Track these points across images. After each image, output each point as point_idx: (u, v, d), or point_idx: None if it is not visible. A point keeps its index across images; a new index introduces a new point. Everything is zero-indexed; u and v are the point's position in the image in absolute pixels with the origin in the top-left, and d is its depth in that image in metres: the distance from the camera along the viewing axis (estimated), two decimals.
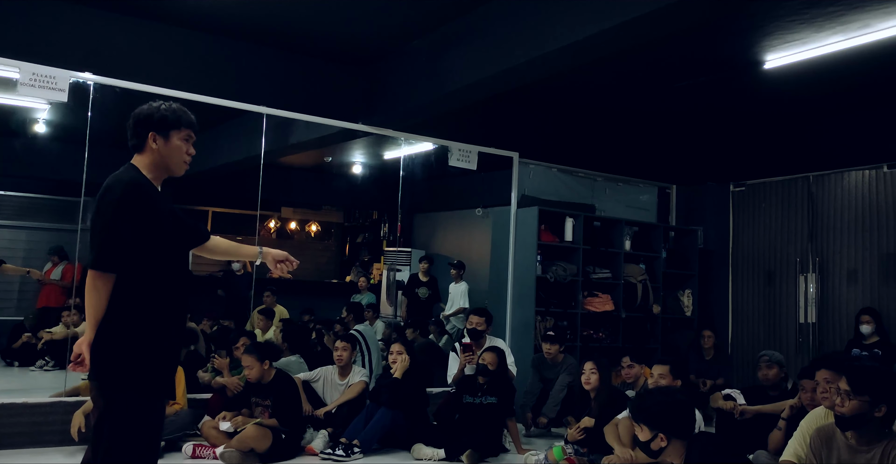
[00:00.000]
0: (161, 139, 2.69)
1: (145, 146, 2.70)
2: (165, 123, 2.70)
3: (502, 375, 5.65)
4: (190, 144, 2.78)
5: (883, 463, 2.95)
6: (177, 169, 2.77)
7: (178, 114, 2.74)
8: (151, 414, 2.56)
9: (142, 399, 2.50)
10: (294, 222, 13.34)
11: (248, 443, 4.90)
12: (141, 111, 2.72)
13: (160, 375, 2.57)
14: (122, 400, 2.48)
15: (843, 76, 6.46)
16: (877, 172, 7.25)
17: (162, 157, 2.71)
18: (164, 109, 2.72)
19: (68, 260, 10.10)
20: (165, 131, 2.70)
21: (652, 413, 3.08)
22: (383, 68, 6.51)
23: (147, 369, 2.52)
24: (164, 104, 2.75)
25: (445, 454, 5.22)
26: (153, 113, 2.70)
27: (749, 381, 7.73)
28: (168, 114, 2.72)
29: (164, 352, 2.59)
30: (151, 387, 2.55)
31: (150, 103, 2.76)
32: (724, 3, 4.14)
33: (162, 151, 2.70)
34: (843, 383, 3.06)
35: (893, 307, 6.99)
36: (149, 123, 2.69)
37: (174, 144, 2.72)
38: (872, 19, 5.26)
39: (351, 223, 14.05)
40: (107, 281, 2.48)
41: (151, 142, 2.69)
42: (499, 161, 7.48)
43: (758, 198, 8.28)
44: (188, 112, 2.79)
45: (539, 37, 4.80)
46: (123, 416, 2.47)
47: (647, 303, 7.82)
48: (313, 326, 8.33)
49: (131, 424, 2.48)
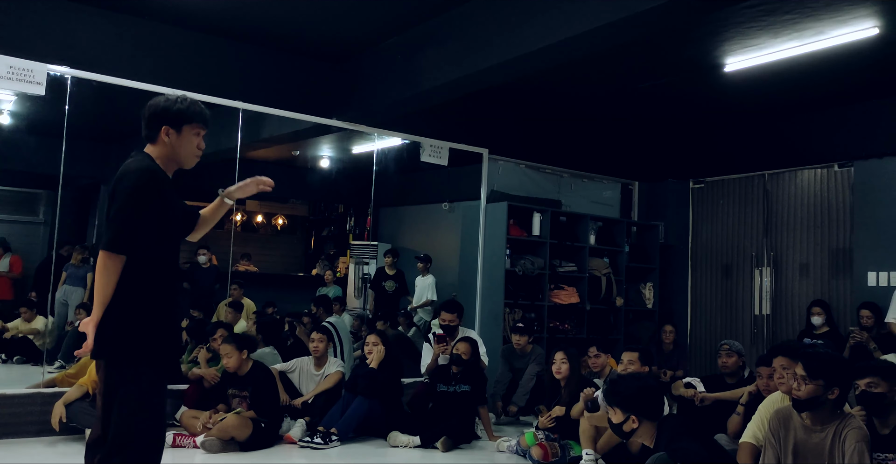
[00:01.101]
0: (174, 133, 2.78)
1: (158, 138, 2.79)
2: (180, 117, 2.78)
3: (475, 364, 5.85)
4: (201, 139, 2.86)
5: (835, 441, 3.21)
6: (187, 162, 2.86)
7: (192, 109, 2.81)
8: (159, 388, 2.68)
9: (151, 373, 2.63)
10: (260, 216, 13.36)
11: (229, 431, 5.02)
12: (157, 103, 2.79)
13: (166, 351, 2.70)
14: (131, 375, 2.59)
15: (797, 80, 6.77)
16: (828, 171, 7.62)
17: (173, 149, 2.80)
18: (179, 104, 2.79)
19: (12, 252, 10.04)
20: (178, 125, 2.78)
21: (625, 396, 3.30)
22: (358, 65, 6.63)
23: (154, 345, 2.64)
24: (180, 98, 2.82)
25: (421, 441, 5.40)
26: (169, 107, 2.77)
27: (707, 370, 8.06)
28: (183, 109, 2.79)
29: (169, 329, 2.73)
30: (158, 362, 2.68)
31: (165, 96, 2.82)
32: (690, 12, 4.38)
33: (174, 144, 2.79)
34: (799, 369, 3.31)
35: (842, 300, 7.37)
36: (164, 116, 2.77)
37: (186, 139, 2.81)
38: (825, 27, 5.56)
39: (316, 217, 14.11)
40: (117, 262, 2.58)
41: (164, 135, 2.77)
42: (465, 156, 7.65)
43: (716, 195, 8.61)
44: (203, 107, 2.87)
45: (515, 39, 4.99)
46: (133, 390, 2.58)
47: (610, 295, 8.10)
48: (280, 317, 8.43)
49: (141, 397, 2.60)
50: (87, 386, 5.22)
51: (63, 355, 7.79)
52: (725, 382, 5.56)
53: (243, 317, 8.18)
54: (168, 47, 6.14)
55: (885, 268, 6.96)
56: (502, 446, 5.42)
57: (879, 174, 7.11)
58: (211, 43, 6.35)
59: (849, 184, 7.42)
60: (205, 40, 6.31)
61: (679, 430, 3.14)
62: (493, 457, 5.32)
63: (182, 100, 2.81)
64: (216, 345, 5.93)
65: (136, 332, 2.62)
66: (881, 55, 6.06)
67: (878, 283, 6.98)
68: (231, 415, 5.09)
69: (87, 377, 5.27)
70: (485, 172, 7.65)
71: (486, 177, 7.65)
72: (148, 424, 2.63)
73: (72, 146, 5.64)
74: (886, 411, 3.44)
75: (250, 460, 4.95)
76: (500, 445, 5.45)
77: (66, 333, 8.50)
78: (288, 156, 11.17)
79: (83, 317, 8.17)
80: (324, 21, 5.96)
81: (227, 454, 4.98)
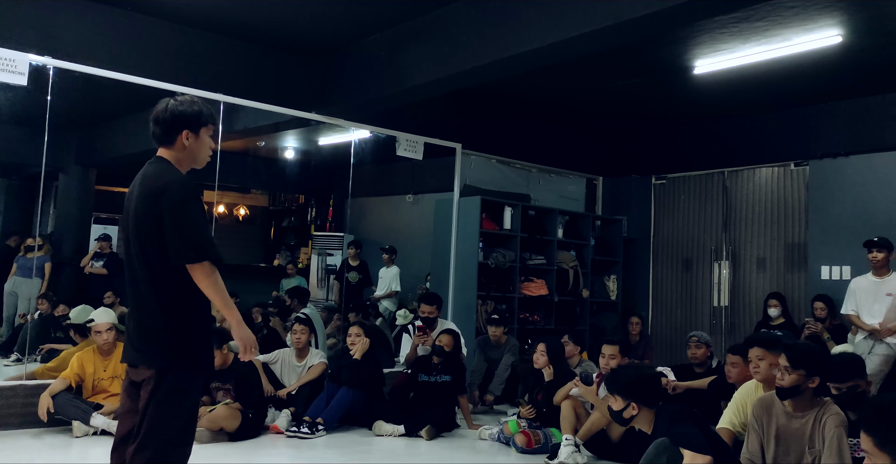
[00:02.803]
0: (193, 136, 2.81)
1: (176, 142, 2.80)
2: (199, 119, 2.82)
3: (456, 355, 6.01)
4: (212, 139, 2.92)
5: (815, 427, 3.47)
6: (203, 162, 2.92)
7: (206, 111, 2.86)
8: (199, 389, 2.78)
9: (196, 376, 2.73)
10: (222, 206, 13.26)
11: (219, 422, 5.08)
12: (173, 108, 2.79)
13: (206, 353, 2.79)
14: (185, 378, 2.68)
15: (761, 83, 7.07)
16: (785, 169, 7.99)
17: (192, 152, 2.83)
18: (197, 106, 2.83)
19: None
20: (197, 129, 2.82)
21: (625, 384, 3.51)
22: (340, 61, 6.68)
23: (206, 351, 2.74)
24: (194, 100, 2.85)
25: (405, 430, 5.55)
26: (187, 110, 2.79)
27: (669, 359, 8.39)
28: (200, 110, 2.82)
29: (207, 333, 2.82)
30: (206, 366, 2.79)
31: (175, 100, 2.83)
32: (675, 21, 4.61)
33: (192, 147, 2.82)
34: (782, 360, 3.55)
35: (797, 292, 7.76)
36: (185, 120, 2.79)
37: (203, 141, 2.86)
38: (792, 34, 5.84)
39: (276, 207, 14.06)
40: (214, 270, 2.65)
41: (184, 139, 2.79)
42: (432, 150, 7.77)
43: (677, 190, 8.94)
44: (210, 107, 2.92)
45: (501, 41, 5.12)
46: (179, 392, 2.67)
47: (577, 288, 8.35)
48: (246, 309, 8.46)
49: (184, 398, 2.68)
50: (71, 379, 5.22)
51: (20, 348, 7.62)
52: (694, 371, 5.85)
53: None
54: (150, 39, 6.10)
55: (837, 262, 7.35)
56: (484, 434, 5.60)
57: (833, 173, 7.49)
58: (194, 36, 6.32)
59: (804, 182, 7.80)
60: (187, 33, 6.28)
61: (677, 416, 3.35)
62: (476, 445, 5.50)
63: (195, 102, 2.84)
64: None
65: (196, 339, 2.71)
66: (841, 61, 6.38)
67: (831, 276, 7.37)
68: (220, 406, 5.16)
69: (69, 370, 5.27)
70: (458, 167, 7.79)
71: (458, 171, 7.79)
72: (183, 421, 2.70)
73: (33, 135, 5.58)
74: (860, 401, 3.71)
75: (240, 450, 5.03)
76: (481, 433, 5.63)
77: (19, 326, 8.35)
78: (250, 146, 11.12)
79: (45, 308, 8.00)
80: (306, 16, 5.98)
81: (216, 444, 5.04)
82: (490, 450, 5.36)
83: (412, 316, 8.02)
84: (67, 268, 9.49)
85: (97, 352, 5.35)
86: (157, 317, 2.67)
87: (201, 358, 2.74)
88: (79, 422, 5.04)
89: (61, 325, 7.21)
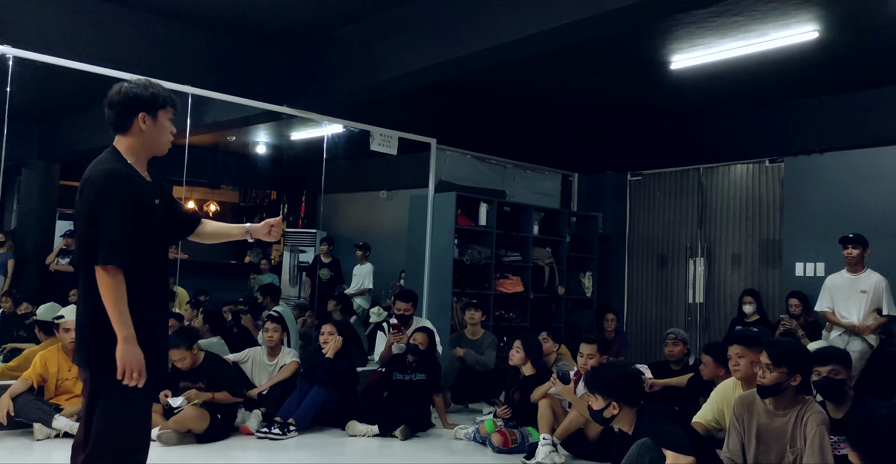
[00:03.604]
0: (150, 119, 2.65)
1: (132, 127, 2.64)
2: (155, 102, 2.66)
3: (431, 354, 5.91)
4: (171, 123, 2.75)
5: (797, 425, 3.42)
6: (163, 148, 2.75)
7: (164, 93, 2.70)
8: (146, 391, 2.61)
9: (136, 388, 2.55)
10: (192, 202, 13.01)
11: (187, 424, 4.94)
12: (127, 91, 2.64)
13: (152, 356, 2.59)
14: (119, 382, 2.50)
15: (737, 79, 7.05)
16: (760, 166, 8.00)
17: (149, 138, 2.68)
18: (151, 88, 2.67)
19: None
20: (154, 111, 2.66)
21: (606, 383, 3.43)
22: (312, 52, 6.54)
23: (146, 351, 2.55)
24: (149, 83, 2.70)
25: (379, 430, 5.44)
26: (142, 93, 2.64)
27: (644, 356, 8.38)
28: (157, 93, 2.67)
29: (158, 336, 2.67)
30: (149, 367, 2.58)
31: (130, 83, 2.68)
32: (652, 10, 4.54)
33: (150, 131, 2.66)
34: (763, 357, 3.50)
35: (772, 289, 7.77)
36: (139, 103, 2.63)
37: (162, 124, 2.69)
38: (770, 29, 5.82)
39: (247, 203, 13.85)
40: (119, 275, 2.48)
41: (140, 122, 2.63)
42: (406, 145, 7.65)
43: (653, 187, 8.92)
44: (169, 90, 2.76)
45: (480, 32, 5.02)
46: (118, 394, 2.51)
47: (553, 284, 8.28)
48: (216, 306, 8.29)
49: (126, 401, 2.53)
50: (33, 379, 5.05)
51: None
52: (671, 368, 5.82)
53: (177, 306, 8.01)
54: (115, 28, 5.90)
55: (811, 259, 7.37)
56: (460, 433, 5.50)
57: (807, 170, 7.51)
58: (161, 25, 6.13)
59: (779, 179, 7.80)
60: (154, 22, 6.08)
61: (660, 415, 3.28)
62: (452, 444, 5.41)
63: (151, 84, 2.69)
64: None
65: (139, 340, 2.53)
66: (817, 57, 6.37)
67: (805, 273, 7.39)
68: (188, 407, 5.00)
69: (32, 370, 5.09)
70: (433, 162, 7.69)
71: (434, 166, 7.69)
72: (132, 427, 2.57)
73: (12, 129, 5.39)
74: (843, 396, 3.68)
75: (208, 452, 4.89)
76: (457, 432, 5.53)
77: None
78: (221, 141, 10.91)
79: (8, 306, 7.76)
80: (279, 6, 5.83)
81: (183, 447, 4.90)
82: (466, 450, 5.27)
83: (386, 314, 7.92)
84: (30, 265, 9.24)
85: (62, 351, 5.17)
86: (92, 317, 2.52)
87: (146, 360, 2.55)
88: (40, 424, 4.87)
89: (24, 323, 6.99)
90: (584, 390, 3.98)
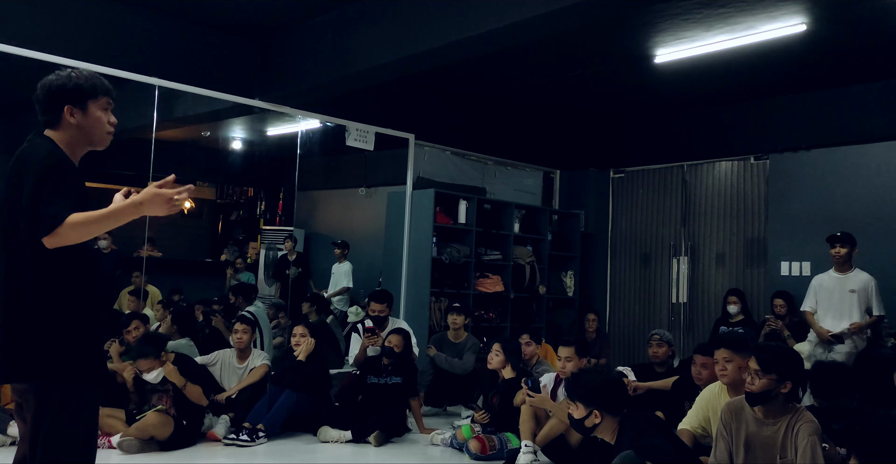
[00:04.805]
0: (79, 112, 2.42)
1: (61, 121, 2.42)
2: (81, 92, 2.42)
3: (407, 356, 5.70)
4: (109, 113, 2.51)
5: (787, 435, 3.24)
6: (100, 142, 2.51)
7: (92, 81, 2.46)
8: (93, 399, 2.39)
9: (86, 387, 2.33)
10: None
11: (149, 431, 4.71)
12: (51, 82, 2.42)
13: (96, 360, 2.39)
14: (68, 391, 2.29)
15: (722, 74, 6.90)
16: (744, 163, 7.84)
17: (81, 131, 2.44)
18: (76, 78, 2.43)
19: None
20: (82, 102, 2.42)
21: (587, 390, 3.23)
22: (284, 43, 6.31)
23: (88, 357, 2.34)
24: (74, 72, 2.46)
25: (352, 436, 5.22)
26: (65, 83, 2.41)
27: (626, 357, 8.22)
28: (82, 82, 2.43)
29: (97, 337, 2.43)
30: (93, 375, 2.37)
31: (56, 73, 2.45)
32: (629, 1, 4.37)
33: (81, 124, 2.43)
34: (752, 363, 3.32)
35: (756, 288, 7.62)
36: (63, 94, 2.40)
37: (94, 116, 2.45)
38: (757, 22, 5.66)
39: (224, 200, 13.58)
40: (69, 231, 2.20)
41: (68, 116, 2.40)
42: (384, 141, 7.44)
43: (636, 184, 8.75)
44: (102, 78, 2.52)
45: (456, 22, 4.83)
46: (68, 407, 2.29)
47: (534, 284, 8.10)
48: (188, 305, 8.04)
49: (76, 412, 2.31)
50: None
51: None
52: (655, 370, 5.63)
53: (148, 305, 7.75)
54: (76, 17, 5.64)
55: (797, 258, 7.23)
56: (436, 439, 5.30)
57: (793, 167, 7.37)
58: (125, 13, 5.87)
59: (764, 176, 7.66)
60: (118, 10, 5.83)
61: (643, 425, 3.10)
62: (428, 451, 5.20)
63: (77, 73, 2.46)
64: (130, 338, 5.56)
65: (72, 345, 2.30)
66: (805, 51, 6.23)
67: (791, 272, 7.25)
68: (151, 413, 4.77)
69: None
70: (411, 158, 7.49)
71: (412, 163, 7.49)
72: (86, 444, 2.35)
73: None
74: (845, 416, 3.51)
75: (172, 460, 4.66)
76: (433, 438, 5.33)
77: None
78: (196, 136, 10.66)
79: None
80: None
81: (146, 455, 4.67)
82: (443, 456, 5.06)
83: (364, 314, 7.69)
84: None
85: None
86: (25, 316, 2.27)
87: (91, 366, 2.33)
88: None
89: None
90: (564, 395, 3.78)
